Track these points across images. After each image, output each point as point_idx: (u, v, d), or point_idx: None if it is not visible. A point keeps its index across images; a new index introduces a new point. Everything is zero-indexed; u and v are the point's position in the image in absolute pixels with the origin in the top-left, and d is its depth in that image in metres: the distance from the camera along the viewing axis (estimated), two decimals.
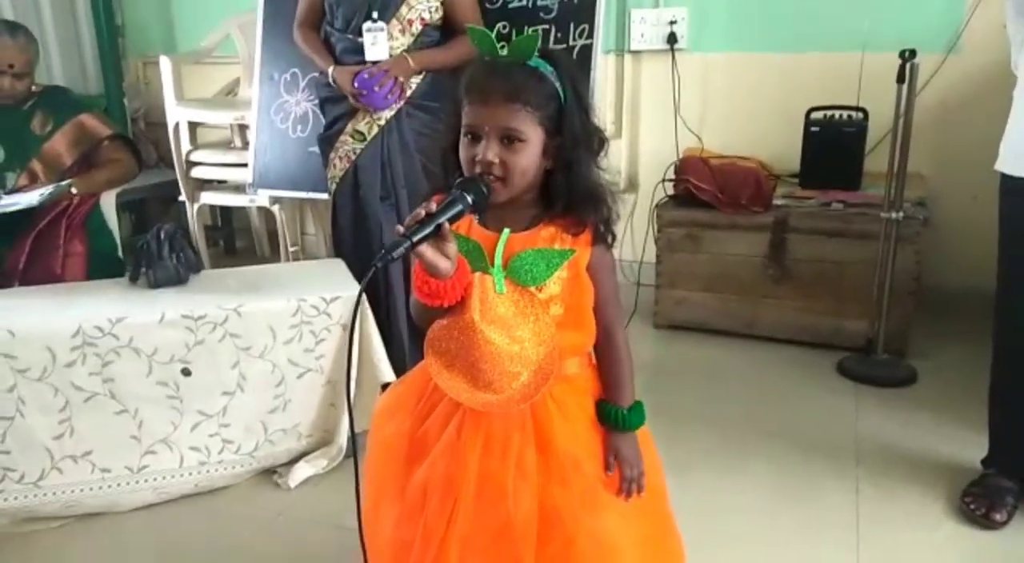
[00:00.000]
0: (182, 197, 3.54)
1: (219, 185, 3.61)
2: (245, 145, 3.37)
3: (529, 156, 1.10)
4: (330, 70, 2.28)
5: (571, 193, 1.13)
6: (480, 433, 1.16)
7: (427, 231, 1.02)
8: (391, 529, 1.23)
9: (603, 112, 3.33)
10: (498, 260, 1.13)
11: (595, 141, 1.16)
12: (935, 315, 2.84)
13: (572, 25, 2.58)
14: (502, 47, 1.12)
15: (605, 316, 1.21)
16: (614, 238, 1.19)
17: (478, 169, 1.10)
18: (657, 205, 2.97)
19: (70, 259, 2.46)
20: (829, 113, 2.85)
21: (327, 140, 2.38)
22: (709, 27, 3.20)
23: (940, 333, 2.80)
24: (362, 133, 2.30)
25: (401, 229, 1.02)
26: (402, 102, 2.26)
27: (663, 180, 3.03)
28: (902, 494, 1.94)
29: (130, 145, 2.71)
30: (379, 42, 2.22)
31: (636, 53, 3.31)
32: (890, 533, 1.82)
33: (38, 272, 2.37)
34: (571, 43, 2.57)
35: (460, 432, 1.17)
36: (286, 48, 2.91)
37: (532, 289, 1.13)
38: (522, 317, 1.13)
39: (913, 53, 2.38)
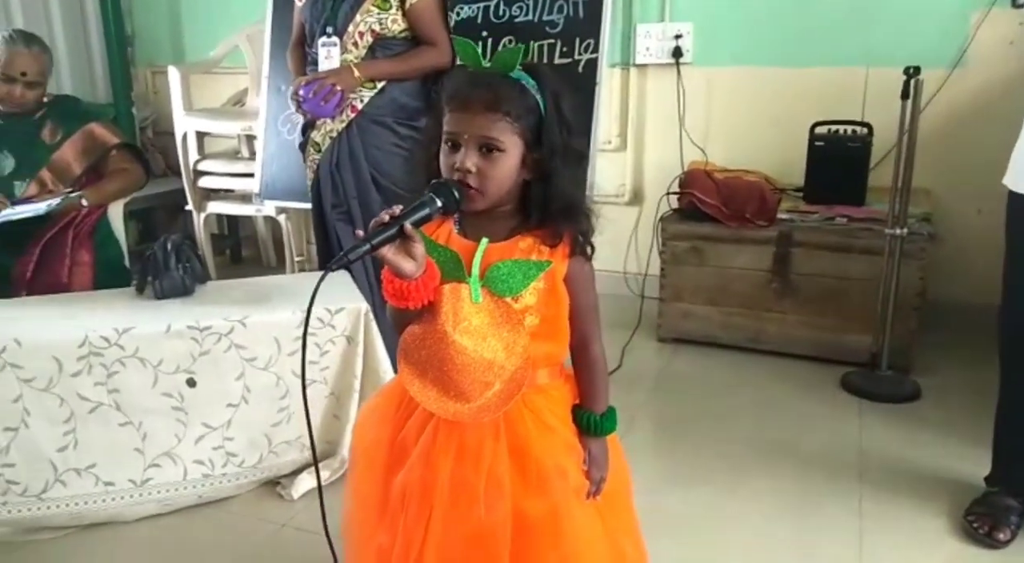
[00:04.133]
0: (189, 206, 3.56)
1: (226, 194, 3.63)
2: (252, 155, 3.39)
3: (506, 166, 1.11)
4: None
5: (548, 205, 1.14)
6: (453, 440, 1.17)
7: (388, 234, 1.03)
8: (373, 534, 1.24)
9: (608, 125, 3.35)
10: (475, 270, 1.14)
11: (574, 154, 1.18)
12: (940, 330, 2.84)
13: (578, 39, 2.59)
14: (486, 59, 1.14)
15: (581, 327, 1.22)
16: (593, 250, 1.20)
17: (456, 176, 1.11)
18: (662, 218, 2.97)
19: (77, 268, 2.48)
20: (833, 128, 2.85)
21: (301, 149, 2.48)
22: (714, 41, 3.21)
23: (944, 349, 2.79)
24: (318, 144, 2.39)
25: (361, 233, 1.04)
26: (353, 114, 2.30)
27: (668, 193, 3.04)
28: (905, 511, 1.94)
29: (138, 155, 2.73)
30: (332, 55, 2.29)
31: (641, 67, 3.32)
32: (892, 550, 1.81)
33: (45, 281, 2.39)
34: (577, 57, 2.59)
35: (435, 438, 1.19)
36: None
37: (508, 299, 1.14)
38: (497, 327, 1.14)
39: (917, 70, 2.39)
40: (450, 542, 1.15)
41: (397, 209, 1.06)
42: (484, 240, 1.15)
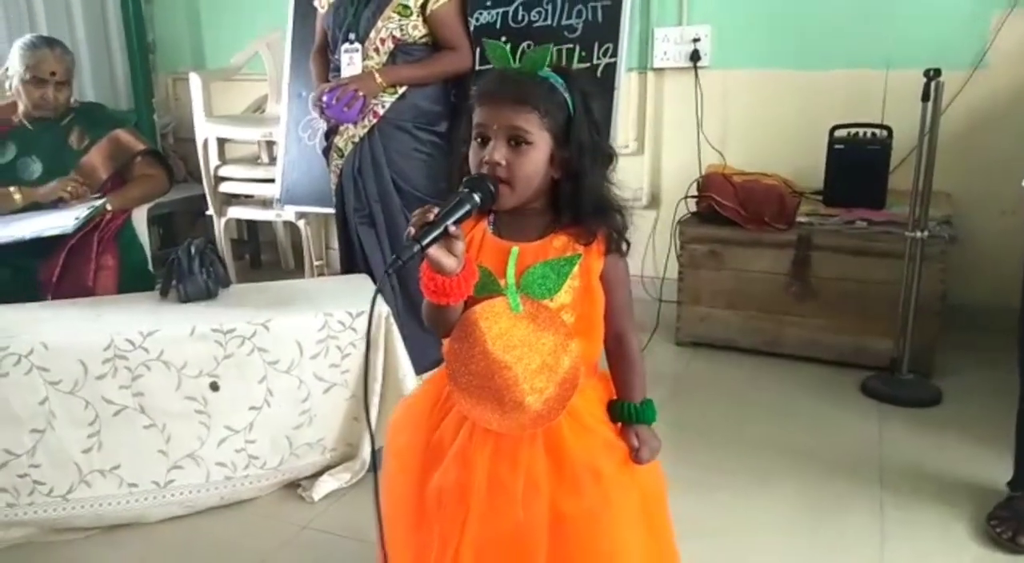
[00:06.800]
0: (210, 211, 3.60)
1: (246, 200, 3.66)
2: (272, 161, 3.42)
3: (535, 160, 1.12)
4: None
5: (580, 204, 1.15)
6: (489, 440, 1.18)
7: (436, 234, 1.04)
8: (409, 536, 1.24)
9: (626, 129, 3.35)
10: (511, 279, 1.15)
11: (603, 155, 1.19)
12: (961, 334, 2.81)
13: (596, 44, 2.61)
14: (515, 61, 1.16)
15: (617, 321, 1.23)
16: (628, 246, 1.21)
17: (484, 170, 1.12)
18: (680, 222, 2.97)
19: (102, 272, 2.50)
20: (853, 131, 2.84)
21: (325, 155, 2.52)
22: (732, 44, 3.21)
23: (966, 352, 2.77)
24: (341, 150, 2.41)
25: (413, 231, 1.05)
26: (375, 120, 2.32)
27: (686, 197, 3.03)
28: (927, 515, 1.93)
29: (162, 161, 2.76)
30: (355, 62, 2.32)
31: (659, 70, 3.32)
32: (914, 555, 1.80)
33: (70, 285, 2.42)
34: (595, 62, 2.60)
35: (471, 438, 1.19)
36: None
37: (547, 301, 1.15)
38: (541, 333, 1.15)
39: (938, 72, 2.37)
40: (487, 542, 1.15)
41: (436, 209, 1.06)
42: (515, 249, 1.16)
